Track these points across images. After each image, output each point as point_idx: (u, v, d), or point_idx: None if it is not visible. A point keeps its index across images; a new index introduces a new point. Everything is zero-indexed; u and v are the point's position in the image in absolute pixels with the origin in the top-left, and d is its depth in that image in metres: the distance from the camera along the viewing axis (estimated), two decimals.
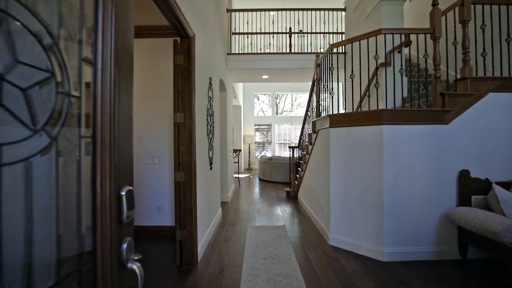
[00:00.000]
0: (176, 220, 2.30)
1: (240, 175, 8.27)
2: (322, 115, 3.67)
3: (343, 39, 5.56)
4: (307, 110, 4.88)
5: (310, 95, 4.54)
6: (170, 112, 3.08)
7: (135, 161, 3.13)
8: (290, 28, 5.56)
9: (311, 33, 5.80)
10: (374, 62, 3.55)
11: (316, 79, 3.84)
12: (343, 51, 5.17)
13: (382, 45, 3.28)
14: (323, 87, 3.59)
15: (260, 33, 5.75)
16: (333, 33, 5.75)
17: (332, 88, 3.10)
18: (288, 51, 5.87)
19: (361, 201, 2.59)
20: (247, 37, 6.09)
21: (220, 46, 4.28)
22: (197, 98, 2.51)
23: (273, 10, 5.44)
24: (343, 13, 5.45)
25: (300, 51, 5.41)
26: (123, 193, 0.68)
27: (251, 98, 10.39)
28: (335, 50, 4.32)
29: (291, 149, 5.29)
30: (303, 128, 5.18)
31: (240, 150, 6.76)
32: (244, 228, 3.35)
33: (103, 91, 0.64)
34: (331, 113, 3.01)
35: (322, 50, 6.76)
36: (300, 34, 6.09)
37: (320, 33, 5.82)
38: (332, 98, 3.11)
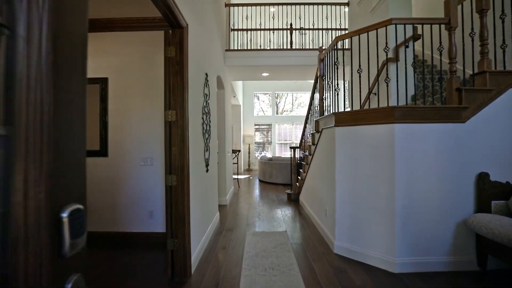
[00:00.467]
0: (167, 228, 2.09)
1: (240, 176, 8.07)
2: (326, 113, 3.46)
3: None
4: (309, 109, 4.67)
5: (313, 93, 4.34)
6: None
7: (125, 162, 2.92)
8: (291, 24, 5.36)
9: (313, 29, 5.59)
10: (381, 57, 3.35)
11: (320, 75, 3.63)
12: (348, 46, 4.98)
13: (390, 38, 3.08)
14: (327, 84, 3.39)
15: (260, 29, 5.55)
16: (336, 29, 5.54)
17: (338, 84, 2.89)
18: (289, 48, 5.67)
19: (369, 206, 2.38)
20: (246, 33, 5.89)
21: (218, 41, 4.07)
22: (191, 95, 2.31)
23: (273, 4, 5.23)
24: (346, 8, 5.24)
25: (301, 48, 5.21)
26: (64, 214, 0.47)
27: (250, 98, 10.19)
28: (339, 46, 4.12)
29: (292, 150, 5.09)
30: (304, 127, 4.97)
31: (239, 151, 6.55)
32: (243, 234, 3.14)
33: (29, 71, 0.43)
34: (336, 111, 2.81)
35: (324, 47, 6.56)
36: (301, 31, 5.89)
37: (322, 29, 5.62)
38: (338, 95, 2.90)
